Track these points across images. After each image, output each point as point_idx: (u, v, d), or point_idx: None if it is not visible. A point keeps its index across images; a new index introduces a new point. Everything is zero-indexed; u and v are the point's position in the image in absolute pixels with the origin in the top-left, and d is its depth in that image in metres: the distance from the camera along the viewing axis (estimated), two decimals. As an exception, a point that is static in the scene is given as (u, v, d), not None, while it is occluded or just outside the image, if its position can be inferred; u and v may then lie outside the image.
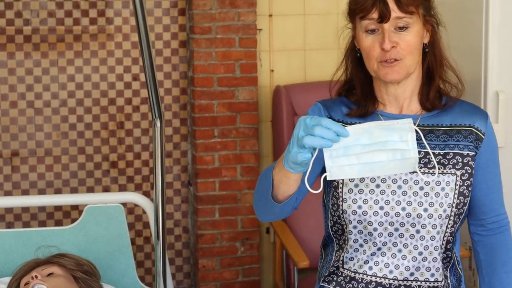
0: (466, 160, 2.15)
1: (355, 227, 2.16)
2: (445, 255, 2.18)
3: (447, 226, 2.15)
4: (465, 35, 3.99)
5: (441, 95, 2.21)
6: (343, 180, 2.14)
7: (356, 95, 2.22)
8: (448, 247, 2.18)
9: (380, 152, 1.89)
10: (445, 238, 2.16)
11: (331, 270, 2.23)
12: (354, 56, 2.20)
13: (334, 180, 2.15)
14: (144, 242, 4.60)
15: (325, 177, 1.92)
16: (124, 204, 3.35)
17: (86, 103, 4.42)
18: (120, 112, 4.47)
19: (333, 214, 2.20)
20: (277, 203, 2.05)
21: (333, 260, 2.24)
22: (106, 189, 4.47)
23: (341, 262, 2.21)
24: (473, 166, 2.17)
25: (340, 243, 2.22)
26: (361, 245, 2.17)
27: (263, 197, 2.08)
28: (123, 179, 4.52)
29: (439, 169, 2.12)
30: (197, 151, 4.38)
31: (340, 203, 2.15)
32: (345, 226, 2.18)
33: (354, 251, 2.18)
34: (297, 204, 2.17)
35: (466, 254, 3.74)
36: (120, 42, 4.43)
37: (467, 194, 2.16)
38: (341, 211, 2.16)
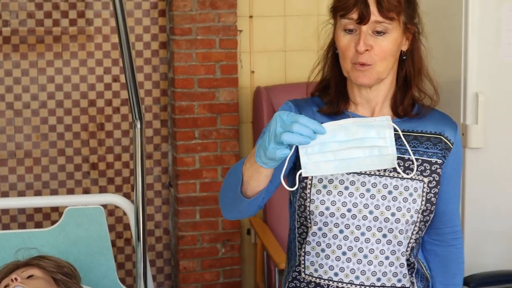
0: (434, 167, 2.15)
1: (320, 229, 2.13)
2: (409, 261, 2.17)
3: (412, 233, 2.14)
4: (445, 37, 4.00)
5: (414, 102, 2.21)
6: (311, 181, 2.12)
7: (330, 95, 2.20)
8: (413, 253, 2.18)
9: (357, 149, 1.87)
10: (410, 245, 2.16)
11: (293, 276, 2.21)
12: (333, 53, 2.20)
13: (303, 181, 2.14)
14: (125, 243, 4.58)
15: (301, 174, 1.89)
16: (104, 206, 3.34)
17: (66, 104, 4.41)
18: (100, 114, 4.46)
19: (300, 215, 2.17)
20: (246, 199, 2.02)
21: (295, 265, 2.21)
22: (86, 191, 4.46)
23: (303, 267, 2.19)
24: (441, 174, 2.16)
25: (303, 247, 2.19)
26: (323, 250, 2.14)
27: (230, 192, 2.06)
28: (104, 181, 4.51)
29: (407, 174, 2.11)
30: (177, 153, 4.38)
31: (308, 204, 2.13)
32: (309, 229, 2.16)
33: (315, 255, 2.16)
34: (263, 203, 2.14)
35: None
36: (100, 43, 4.42)
37: (434, 202, 2.15)
38: (308, 212, 2.14)
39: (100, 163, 4.49)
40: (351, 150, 1.87)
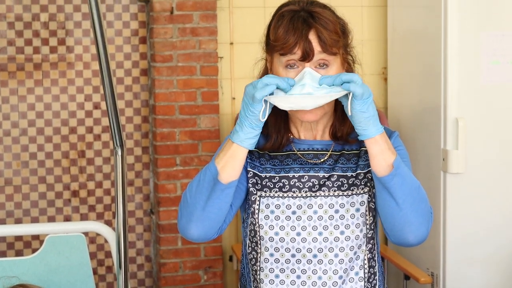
0: (371, 176, 2.15)
1: (272, 254, 2.14)
2: (369, 273, 2.18)
3: (366, 245, 2.15)
4: (424, 63, 4.03)
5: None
6: (259, 206, 2.14)
7: (267, 128, 2.18)
8: (372, 264, 2.18)
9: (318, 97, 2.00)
10: (365, 257, 2.16)
11: None
12: None
13: (251, 206, 2.15)
14: (106, 271, 4.56)
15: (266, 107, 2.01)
16: (85, 234, 3.32)
17: (46, 132, 4.39)
18: (81, 141, 4.45)
19: (251, 240, 2.18)
20: (223, 183, 2.03)
21: None
22: (67, 219, 4.44)
23: None
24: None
25: (258, 274, 2.19)
26: (277, 276, 2.15)
27: (204, 191, 2.05)
28: (85, 208, 4.49)
29: (352, 190, 2.12)
30: (159, 180, 4.37)
31: (257, 229, 2.14)
32: (260, 255, 2.17)
33: (269, 282, 2.16)
34: (225, 226, 2.15)
35: (428, 280, 3.76)
36: (81, 71, 4.42)
37: (373, 207, 2.15)
38: (258, 237, 2.15)
39: (81, 191, 4.47)
40: (312, 97, 2.00)
